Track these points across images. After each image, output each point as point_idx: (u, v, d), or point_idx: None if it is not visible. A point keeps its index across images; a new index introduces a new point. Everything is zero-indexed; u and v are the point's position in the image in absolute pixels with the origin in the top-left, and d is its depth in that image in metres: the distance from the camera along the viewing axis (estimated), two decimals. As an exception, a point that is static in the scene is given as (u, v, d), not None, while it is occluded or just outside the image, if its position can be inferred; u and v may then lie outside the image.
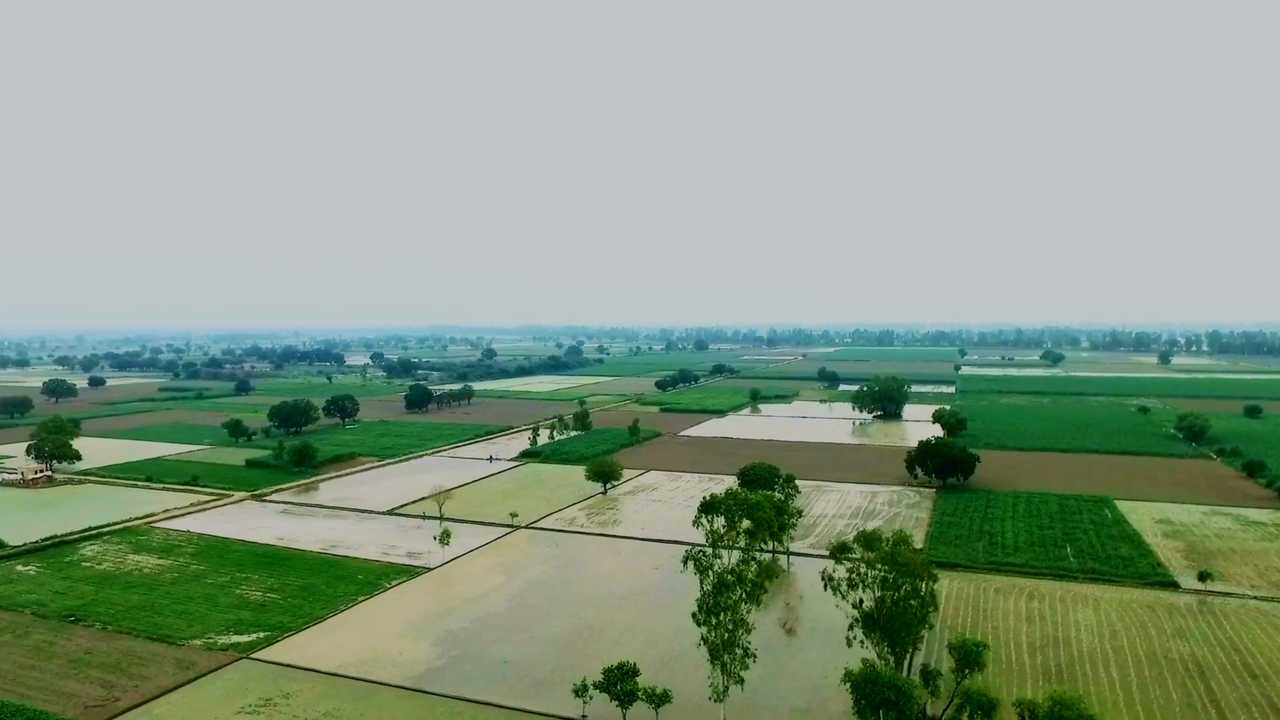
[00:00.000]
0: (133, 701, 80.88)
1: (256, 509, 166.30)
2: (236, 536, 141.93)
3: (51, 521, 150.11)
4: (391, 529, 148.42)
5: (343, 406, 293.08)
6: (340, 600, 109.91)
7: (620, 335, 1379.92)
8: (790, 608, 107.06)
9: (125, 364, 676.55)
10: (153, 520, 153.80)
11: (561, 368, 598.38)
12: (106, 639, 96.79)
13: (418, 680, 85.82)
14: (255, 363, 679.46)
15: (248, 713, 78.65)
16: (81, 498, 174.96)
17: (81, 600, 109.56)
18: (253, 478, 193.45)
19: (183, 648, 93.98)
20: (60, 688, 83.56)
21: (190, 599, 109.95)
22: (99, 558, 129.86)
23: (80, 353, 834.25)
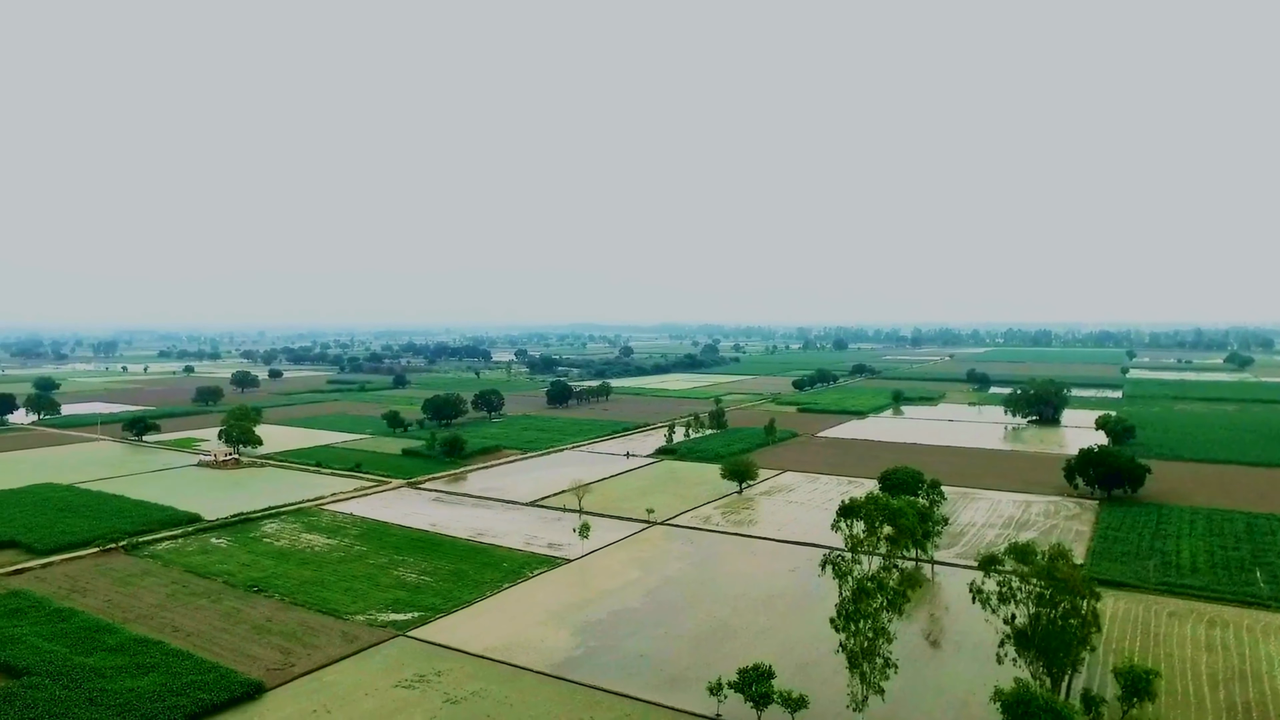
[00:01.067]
0: (306, 668, 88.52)
1: (412, 496, 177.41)
2: (394, 521, 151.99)
3: (238, 500, 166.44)
4: (534, 520, 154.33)
5: (489, 401, 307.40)
6: (487, 586, 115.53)
7: (756, 334, 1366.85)
8: (935, 619, 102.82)
9: (299, 358, 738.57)
10: (322, 503, 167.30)
11: (697, 366, 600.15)
12: (284, 609, 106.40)
13: (558, 668, 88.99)
14: (411, 358, 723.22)
15: (404, 686, 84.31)
16: (263, 479, 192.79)
17: (263, 573, 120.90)
18: (408, 466, 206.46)
19: (348, 622, 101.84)
20: (246, 650, 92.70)
21: (354, 577, 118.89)
22: (277, 535, 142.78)
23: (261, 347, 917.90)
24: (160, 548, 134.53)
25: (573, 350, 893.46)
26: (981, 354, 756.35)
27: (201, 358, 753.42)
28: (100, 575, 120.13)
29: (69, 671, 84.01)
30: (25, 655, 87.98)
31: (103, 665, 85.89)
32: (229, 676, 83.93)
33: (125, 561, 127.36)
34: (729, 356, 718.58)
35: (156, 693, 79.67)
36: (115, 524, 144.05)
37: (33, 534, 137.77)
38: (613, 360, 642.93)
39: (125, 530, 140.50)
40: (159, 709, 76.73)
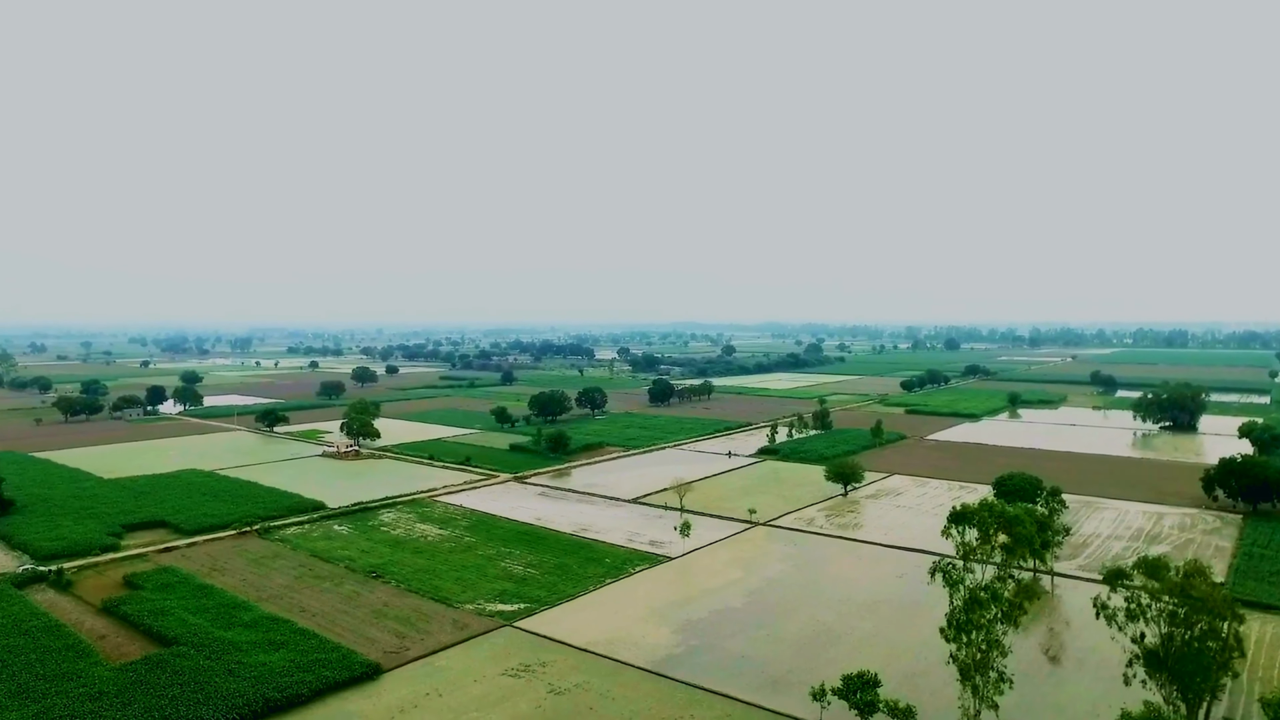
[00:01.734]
0: (419, 653, 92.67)
1: (518, 490, 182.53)
2: (501, 514, 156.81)
3: (358, 490, 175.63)
4: (636, 517, 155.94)
5: (593, 398, 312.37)
6: (590, 581, 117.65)
7: (863, 333, 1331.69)
8: (1054, 633, 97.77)
9: (413, 354, 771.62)
10: (434, 494, 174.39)
11: (800, 365, 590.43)
12: (400, 595, 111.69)
13: (659, 664, 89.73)
14: (518, 355, 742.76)
15: (510, 675, 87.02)
16: (380, 471, 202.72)
17: (381, 560, 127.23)
18: (515, 461, 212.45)
19: (458, 610, 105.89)
20: (365, 632, 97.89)
21: (464, 567, 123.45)
22: (394, 524, 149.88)
23: (379, 344, 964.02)
24: (289, 532, 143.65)
25: (675, 349, 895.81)
26: (1108, 355, 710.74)
27: (325, 354, 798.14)
28: (237, 556, 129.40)
29: (210, 643, 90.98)
30: (174, 626, 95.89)
31: (239, 640, 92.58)
32: (350, 657, 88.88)
33: (258, 544, 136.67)
34: (834, 356, 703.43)
35: (286, 668, 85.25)
36: (250, 509, 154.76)
37: (180, 515, 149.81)
38: (715, 359, 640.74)
39: (259, 515, 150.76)
40: (289, 683, 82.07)
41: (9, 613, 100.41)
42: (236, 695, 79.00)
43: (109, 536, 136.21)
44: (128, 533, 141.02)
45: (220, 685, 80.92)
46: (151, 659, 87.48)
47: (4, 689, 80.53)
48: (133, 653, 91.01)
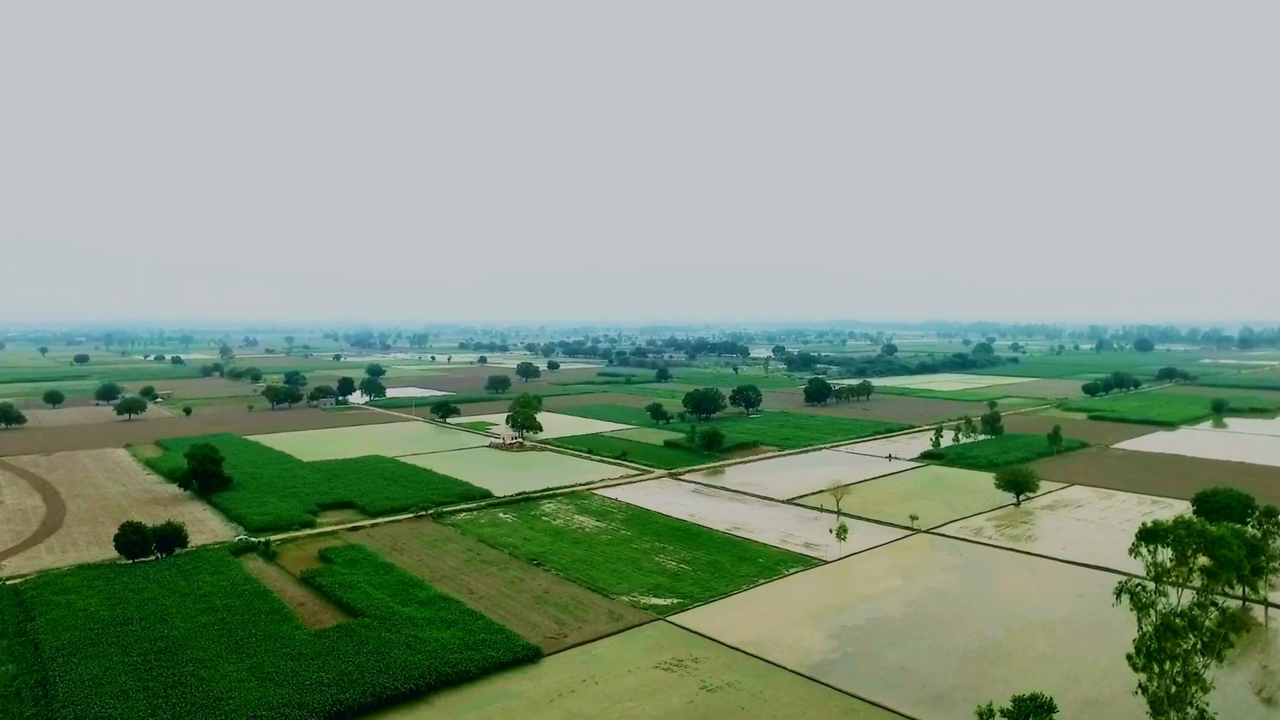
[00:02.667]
0: (577, 640, 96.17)
1: (672, 486, 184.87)
2: (656, 509, 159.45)
3: (521, 480, 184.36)
4: (790, 517, 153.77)
5: (747, 396, 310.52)
6: (742, 580, 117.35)
7: (1039, 332, 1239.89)
8: (1269, 671, 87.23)
9: (573, 351, 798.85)
10: (592, 487, 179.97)
11: (968, 366, 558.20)
12: (559, 583, 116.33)
13: (812, 669, 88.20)
14: (673, 353, 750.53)
15: (663, 669, 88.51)
16: (542, 462, 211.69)
17: (542, 548, 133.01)
18: (669, 457, 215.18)
19: (614, 601, 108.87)
20: (527, 617, 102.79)
21: (620, 560, 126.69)
22: (554, 514, 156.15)
23: (542, 341, 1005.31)
24: (459, 518, 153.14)
25: (832, 348, 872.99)
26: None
27: (493, 350, 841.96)
28: (413, 538, 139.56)
29: (390, 617, 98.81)
30: (359, 599, 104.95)
31: (416, 615, 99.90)
32: (513, 639, 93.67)
33: (432, 528, 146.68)
34: (1005, 356, 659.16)
35: (456, 646, 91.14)
36: (425, 494, 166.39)
37: (365, 498, 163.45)
38: (874, 358, 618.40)
39: (433, 500, 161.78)
40: (458, 660, 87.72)
41: (228, 577, 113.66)
42: (413, 667, 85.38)
43: (306, 514, 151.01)
44: (322, 511, 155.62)
45: (399, 656, 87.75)
46: (342, 627, 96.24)
47: (225, 643, 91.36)
48: (326, 620, 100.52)
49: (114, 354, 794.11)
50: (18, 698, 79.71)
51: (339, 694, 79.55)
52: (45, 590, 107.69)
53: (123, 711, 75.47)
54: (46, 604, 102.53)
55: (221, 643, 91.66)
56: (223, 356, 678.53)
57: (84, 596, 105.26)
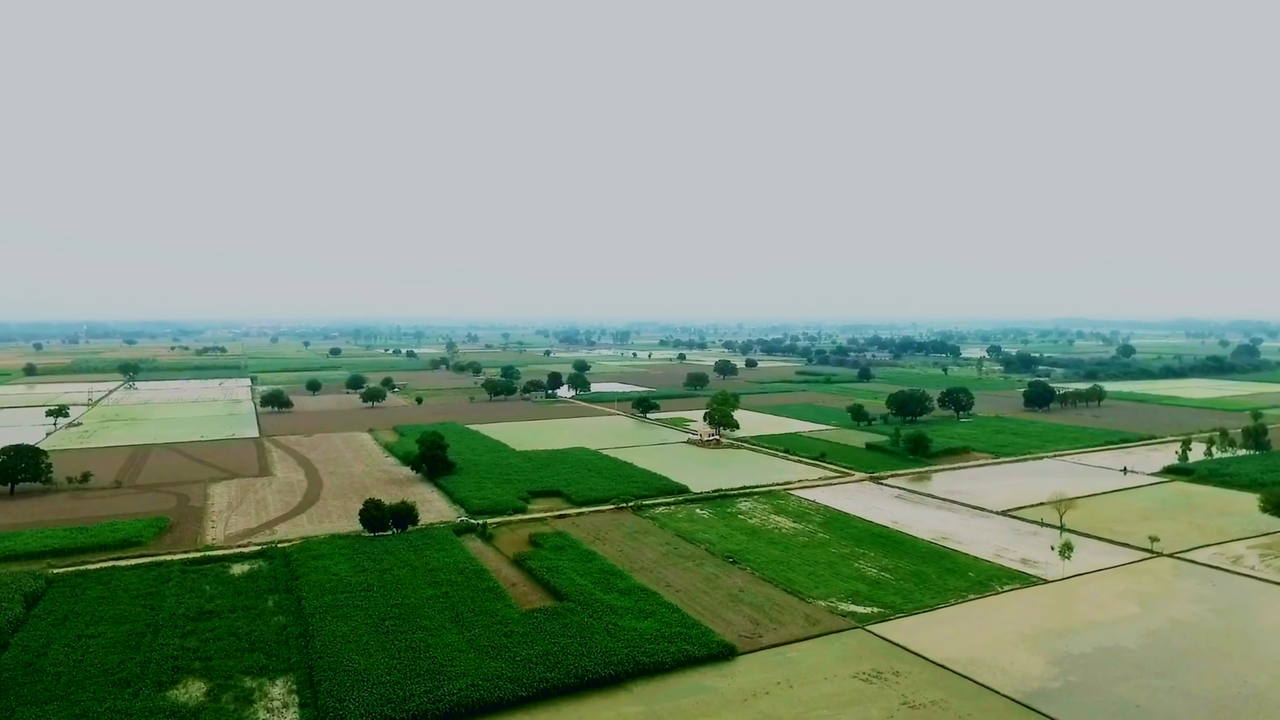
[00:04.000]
0: (771, 641, 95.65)
1: (873, 490, 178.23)
2: (855, 513, 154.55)
3: (718, 477, 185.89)
4: (1004, 531, 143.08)
5: (957, 399, 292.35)
6: (950, 594, 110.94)
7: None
8: None
9: (771, 349, 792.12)
10: (789, 487, 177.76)
11: (1226, 370, 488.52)
12: (755, 583, 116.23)
13: (1029, 696, 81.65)
14: (875, 352, 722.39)
15: (862, 679, 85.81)
16: (738, 460, 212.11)
17: (738, 546, 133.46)
18: (870, 460, 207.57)
19: (810, 605, 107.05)
20: (722, 614, 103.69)
21: (816, 563, 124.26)
22: (750, 513, 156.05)
23: (740, 338, 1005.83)
24: (657, 511, 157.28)
25: (1056, 348, 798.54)
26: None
27: (691, 347, 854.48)
28: (615, 528, 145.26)
29: (593, 604, 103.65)
30: (565, 584, 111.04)
31: (616, 604, 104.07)
32: (708, 635, 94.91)
33: (632, 520, 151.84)
34: (1275, 360, 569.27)
35: (653, 636, 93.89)
36: (626, 487, 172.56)
37: (571, 487, 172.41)
38: (1107, 360, 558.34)
39: (633, 493, 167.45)
40: (655, 651, 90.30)
41: (451, 555, 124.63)
42: (613, 654, 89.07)
43: (519, 500, 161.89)
44: (532, 498, 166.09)
45: (600, 642, 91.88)
46: (549, 610, 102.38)
47: (448, 615, 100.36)
48: (535, 601, 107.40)
49: (360, 347, 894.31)
50: (286, 645, 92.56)
51: (545, 672, 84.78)
52: (306, 555, 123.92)
53: (366, 667, 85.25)
54: (307, 567, 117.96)
55: (445, 614, 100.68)
56: (449, 351, 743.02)
57: (336, 562, 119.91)
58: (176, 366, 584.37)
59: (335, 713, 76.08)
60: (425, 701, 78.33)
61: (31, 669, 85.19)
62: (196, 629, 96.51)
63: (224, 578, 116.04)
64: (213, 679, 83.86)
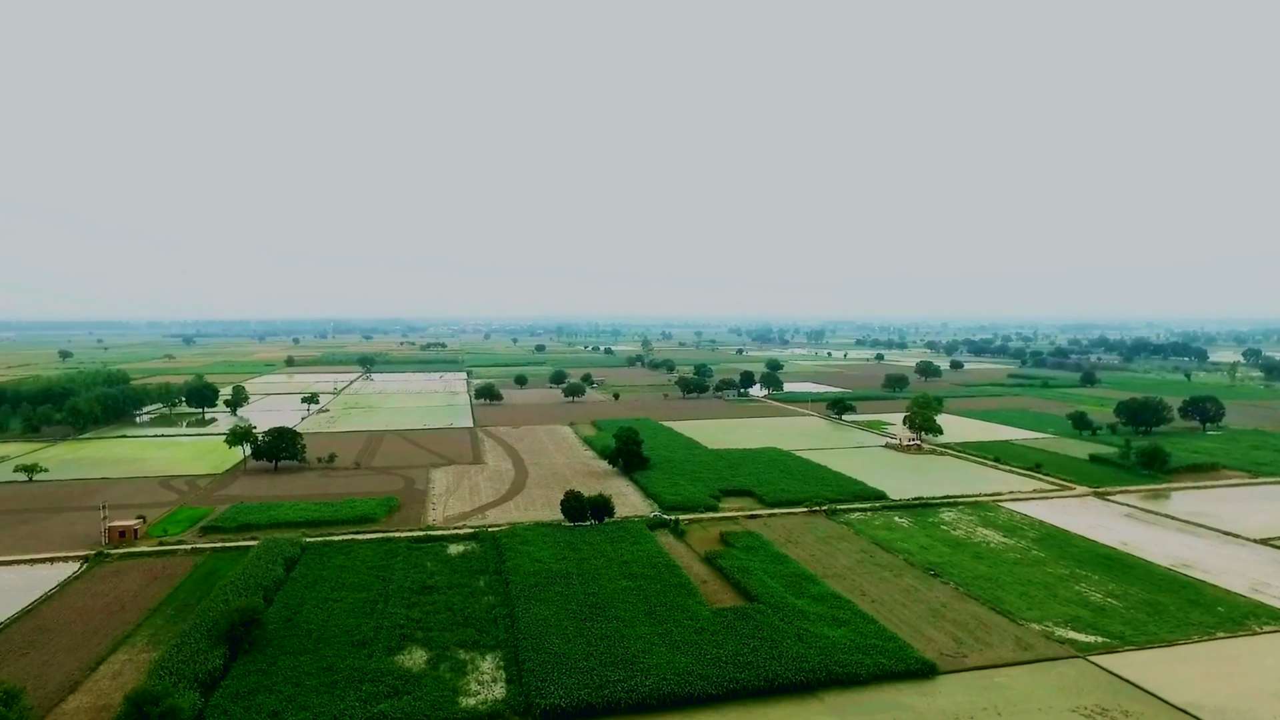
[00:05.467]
0: (977, 663, 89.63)
1: (1098, 507, 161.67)
2: (1077, 531, 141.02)
3: (918, 484, 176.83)
4: (1264, 562, 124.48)
5: (1203, 408, 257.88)
6: (1192, 629, 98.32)
7: None
8: None
9: (979, 350, 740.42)
10: (998, 499, 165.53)
11: None
12: (958, 598, 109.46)
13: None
14: (1102, 354, 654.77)
15: (1084, 715, 78.15)
16: (941, 467, 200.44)
17: (939, 558, 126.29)
18: (1095, 474, 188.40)
19: (1021, 627, 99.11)
20: (921, 629, 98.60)
21: (1030, 582, 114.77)
22: (953, 524, 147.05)
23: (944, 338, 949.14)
24: (852, 517, 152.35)
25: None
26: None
27: (890, 347, 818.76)
28: (807, 532, 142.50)
29: (784, 607, 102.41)
30: (756, 585, 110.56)
31: (808, 609, 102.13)
32: (906, 650, 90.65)
33: (826, 524, 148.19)
34: None
35: (847, 646, 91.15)
36: (819, 489, 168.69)
37: (762, 488, 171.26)
38: None
39: (826, 496, 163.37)
40: (848, 661, 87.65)
41: (644, 549, 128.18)
42: (803, 660, 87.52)
43: (710, 498, 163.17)
44: (723, 497, 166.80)
45: (790, 647, 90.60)
46: (739, 610, 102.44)
47: (641, 607, 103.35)
48: (725, 600, 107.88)
49: (562, 344, 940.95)
50: (495, 624, 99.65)
51: (735, 673, 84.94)
52: (513, 539, 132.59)
53: (565, 651, 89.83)
54: (513, 551, 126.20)
55: (639, 606, 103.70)
56: (644, 348, 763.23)
57: (539, 549, 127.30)
58: (405, 360, 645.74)
59: (538, 691, 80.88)
60: (619, 690, 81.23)
61: (289, 624, 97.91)
62: (419, 601, 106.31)
63: (442, 556, 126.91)
64: (432, 648, 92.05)
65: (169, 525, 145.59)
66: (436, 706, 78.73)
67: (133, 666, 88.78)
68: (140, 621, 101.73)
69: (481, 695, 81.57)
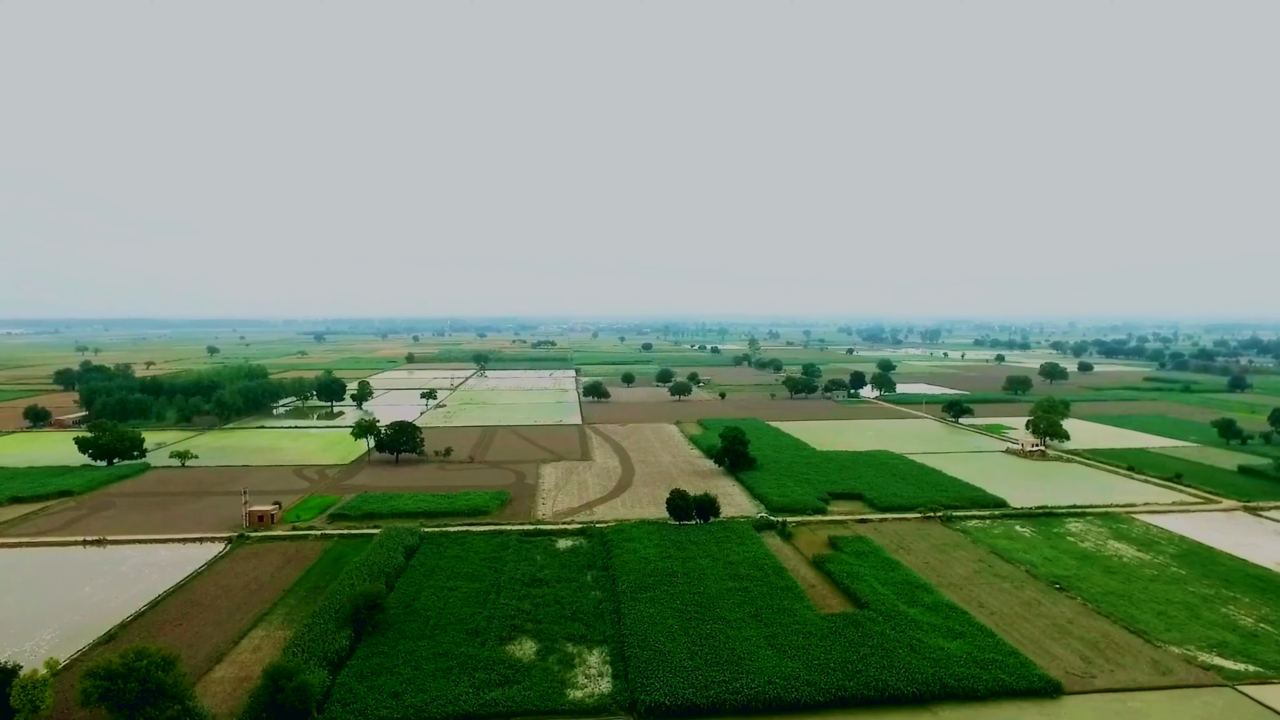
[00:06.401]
0: (1107, 685, 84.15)
1: (1248, 523, 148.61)
2: (1223, 548, 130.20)
3: (1042, 492, 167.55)
4: None
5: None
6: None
7: None
8: None
9: (1111, 351, 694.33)
10: (1132, 511, 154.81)
11: None
12: (1086, 615, 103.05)
13: None
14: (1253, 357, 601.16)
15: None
16: (1067, 475, 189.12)
17: (1065, 571, 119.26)
18: (1245, 486, 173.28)
19: (1159, 649, 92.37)
20: (1045, 645, 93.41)
21: (1168, 601, 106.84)
22: (1081, 535, 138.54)
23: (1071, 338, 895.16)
24: (969, 524, 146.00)
25: None
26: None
27: (1012, 347, 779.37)
28: (919, 539, 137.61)
29: (895, 615, 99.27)
30: (866, 591, 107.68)
31: (920, 619, 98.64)
32: (1028, 667, 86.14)
33: (940, 531, 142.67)
34: None
35: (963, 659, 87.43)
36: (933, 495, 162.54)
37: (873, 491, 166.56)
38: None
39: (941, 502, 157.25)
40: (965, 675, 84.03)
41: (750, 550, 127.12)
42: (917, 672, 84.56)
43: (818, 500, 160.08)
44: (831, 500, 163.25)
45: (902, 658, 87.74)
46: (848, 616, 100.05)
47: (746, 609, 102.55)
48: (833, 605, 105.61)
49: (669, 343, 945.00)
50: (601, 619, 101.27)
51: (844, 680, 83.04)
52: (619, 536, 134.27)
53: (670, 650, 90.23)
54: (620, 548, 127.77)
55: (744, 608, 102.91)
56: (750, 348, 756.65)
57: (644, 546, 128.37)
58: (516, 358, 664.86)
59: (643, 689, 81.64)
60: (723, 691, 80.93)
61: (409, 610, 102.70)
62: (529, 593, 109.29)
63: (551, 550, 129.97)
64: (541, 640, 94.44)
65: (301, 511, 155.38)
66: (545, 697, 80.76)
67: (270, 642, 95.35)
68: (276, 600, 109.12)
69: (588, 689, 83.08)
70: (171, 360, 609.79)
